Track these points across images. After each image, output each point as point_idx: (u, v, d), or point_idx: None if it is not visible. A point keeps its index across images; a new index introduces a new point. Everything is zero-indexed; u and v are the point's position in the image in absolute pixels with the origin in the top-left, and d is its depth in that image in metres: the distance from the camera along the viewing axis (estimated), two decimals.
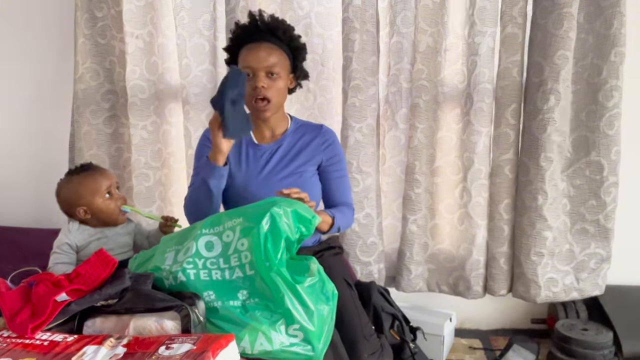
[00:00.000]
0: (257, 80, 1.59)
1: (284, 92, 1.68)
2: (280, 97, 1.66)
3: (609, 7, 2.05)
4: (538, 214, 2.16)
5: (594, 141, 2.14)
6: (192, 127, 2.35)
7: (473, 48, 2.17)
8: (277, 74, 1.61)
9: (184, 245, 1.31)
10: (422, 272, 2.37)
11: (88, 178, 1.59)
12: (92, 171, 1.61)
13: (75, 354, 1.05)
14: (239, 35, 1.68)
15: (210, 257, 1.28)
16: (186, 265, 1.27)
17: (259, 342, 1.19)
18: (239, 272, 1.26)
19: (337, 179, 1.78)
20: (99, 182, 1.58)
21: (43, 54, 2.55)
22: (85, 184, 1.58)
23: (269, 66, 1.60)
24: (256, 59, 1.59)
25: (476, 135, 2.21)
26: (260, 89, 1.60)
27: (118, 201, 1.61)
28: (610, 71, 2.07)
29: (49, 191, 1.62)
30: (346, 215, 1.73)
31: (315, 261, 1.35)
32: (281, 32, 1.64)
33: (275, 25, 1.64)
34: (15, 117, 2.62)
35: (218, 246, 1.28)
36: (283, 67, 1.64)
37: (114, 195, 1.60)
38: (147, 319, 1.17)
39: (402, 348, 1.76)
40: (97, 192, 1.58)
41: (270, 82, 1.61)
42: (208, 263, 1.28)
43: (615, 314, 2.19)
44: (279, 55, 1.63)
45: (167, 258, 1.31)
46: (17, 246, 2.16)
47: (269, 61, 1.60)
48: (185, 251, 1.29)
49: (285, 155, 1.73)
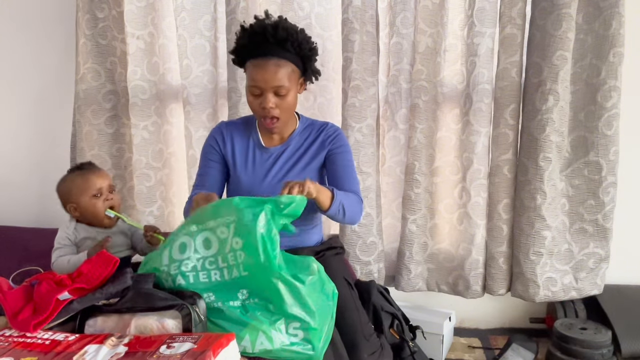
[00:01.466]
0: (266, 102, 1.56)
1: (294, 102, 1.63)
2: (290, 110, 1.63)
3: (607, 8, 2.06)
4: (537, 213, 2.16)
5: (593, 141, 2.15)
6: (192, 128, 2.36)
7: (472, 49, 2.18)
8: (286, 90, 1.57)
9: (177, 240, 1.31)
10: (421, 271, 2.38)
11: (80, 177, 1.60)
12: (86, 170, 1.62)
13: (77, 353, 1.06)
14: (245, 44, 1.60)
15: (209, 255, 1.29)
16: (184, 268, 1.28)
17: (260, 341, 1.20)
18: (237, 271, 1.27)
19: (344, 167, 1.70)
20: (89, 181, 1.59)
21: (44, 54, 2.55)
22: (76, 182, 1.60)
23: (277, 86, 1.55)
24: (263, 78, 1.54)
25: (475, 136, 2.22)
26: (269, 109, 1.57)
27: (106, 202, 1.59)
28: (608, 72, 2.08)
29: (51, 191, 1.62)
30: (350, 197, 1.62)
31: (315, 261, 1.35)
32: (289, 44, 1.56)
33: (284, 37, 1.55)
34: (17, 117, 2.63)
35: (215, 243, 1.28)
36: (292, 80, 1.58)
37: (102, 196, 1.59)
38: (148, 318, 1.18)
39: (401, 347, 1.77)
40: (86, 191, 1.59)
41: (279, 100, 1.57)
42: (207, 263, 1.28)
43: (613, 314, 2.20)
44: (287, 70, 1.56)
45: (164, 257, 1.31)
46: (19, 246, 2.16)
47: (276, 81, 1.54)
48: (181, 248, 1.29)
49: (291, 157, 1.72)
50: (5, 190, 2.65)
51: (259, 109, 1.59)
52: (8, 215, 2.60)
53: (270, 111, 1.57)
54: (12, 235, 2.32)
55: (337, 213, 1.56)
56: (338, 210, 1.55)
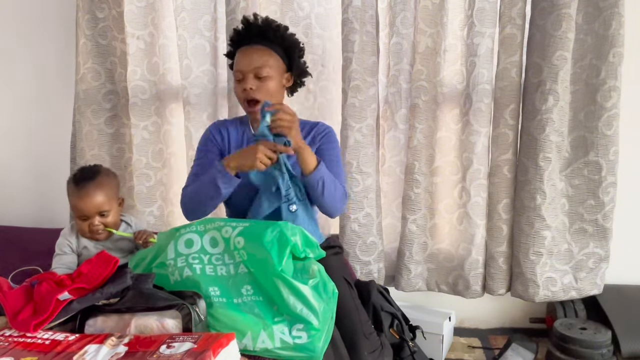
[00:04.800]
0: (246, 83, 1.64)
1: (277, 92, 1.70)
2: (271, 97, 1.66)
3: (607, 8, 2.06)
4: (537, 213, 2.17)
5: (593, 141, 2.15)
6: (192, 128, 2.36)
7: (472, 49, 2.18)
8: (267, 75, 1.64)
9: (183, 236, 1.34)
10: (421, 271, 2.38)
11: (72, 194, 1.57)
12: (79, 190, 1.55)
13: (77, 353, 1.06)
14: (234, 40, 1.74)
15: (215, 253, 1.32)
16: (191, 260, 1.30)
17: (261, 339, 1.21)
18: (244, 267, 1.29)
19: (330, 162, 1.70)
20: (75, 205, 1.56)
21: (44, 54, 2.56)
22: (70, 197, 1.58)
23: (256, 68, 1.63)
24: (244, 62, 1.65)
25: (475, 136, 2.22)
26: (249, 91, 1.64)
27: (91, 226, 1.56)
28: (608, 72, 2.08)
29: (51, 191, 1.63)
30: (335, 182, 1.64)
31: (315, 262, 1.36)
32: (271, 33, 1.67)
33: (265, 28, 1.68)
34: (17, 117, 2.63)
35: (221, 242, 1.32)
36: (274, 67, 1.66)
37: (89, 221, 1.56)
38: (148, 318, 1.19)
39: (401, 347, 1.77)
40: (74, 211, 1.59)
41: (259, 83, 1.64)
42: (213, 259, 1.31)
43: (613, 313, 2.20)
44: (268, 57, 1.66)
45: (169, 251, 1.33)
46: (19, 245, 2.17)
47: (256, 63, 1.63)
48: (187, 243, 1.32)
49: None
50: (5, 189, 2.66)
51: (241, 92, 1.66)
52: (7, 215, 2.60)
53: (249, 92, 1.64)
54: (12, 235, 2.32)
55: (317, 185, 1.58)
56: (317, 182, 1.57)
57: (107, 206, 1.57)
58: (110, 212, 1.59)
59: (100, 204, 1.56)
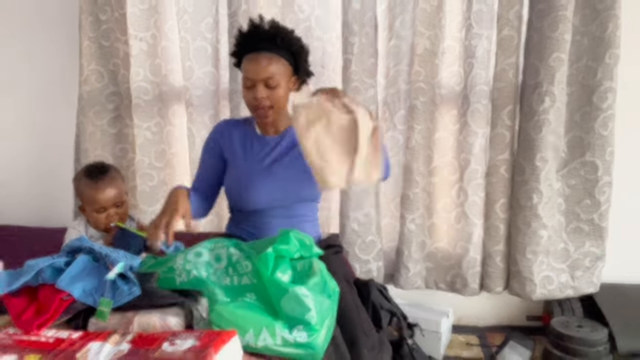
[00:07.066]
0: (257, 92, 1.64)
1: (285, 96, 1.71)
2: (281, 102, 1.69)
3: (604, 10, 2.08)
4: (533, 213, 2.19)
5: (589, 142, 2.17)
6: (195, 129, 2.38)
7: (470, 50, 2.21)
8: (277, 83, 1.65)
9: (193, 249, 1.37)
10: (419, 270, 2.41)
11: (88, 188, 1.66)
12: (96, 182, 1.65)
13: (80, 351, 1.06)
14: (240, 43, 1.72)
15: (220, 267, 1.35)
16: (199, 266, 1.33)
17: (263, 336, 1.21)
18: (247, 279, 1.32)
19: None
20: (93, 197, 1.65)
21: (48, 56, 2.58)
22: (85, 191, 1.66)
23: (266, 77, 1.63)
24: (254, 70, 1.64)
25: (473, 136, 2.24)
26: (260, 100, 1.65)
27: (108, 218, 1.67)
28: (604, 73, 2.10)
29: (54, 191, 1.66)
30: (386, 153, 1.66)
31: (317, 260, 1.38)
32: (279, 39, 1.66)
33: (274, 33, 1.66)
34: (22, 119, 2.65)
35: (224, 259, 1.36)
36: (282, 74, 1.66)
37: (106, 212, 1.66)
38: (151, 316, 1.20)
39: (400, 344, 1.79)
40: (91, 205, 1.66)
41: (270, 91, 1.65)
42: (218, 272, 1.34)
43: (609, 312, 2.22)
44: (277, 64, 1.65)
45: (178, 258, 1.35)
46: (21, 245, 2.18)
47: (266, 72, 1.63)
48: (196, 254, 1.35)
49: (287, 146, 1.76)
50: (8, 189, 2.68)
51: (252, 100, 1.67)
52: (10, 214, 2.62)
53: (261, 101, 1.65)
54: (16, 234, 2.34)
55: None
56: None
57: (123, 197, 1.71)
58: (124, 203, 1.71)
59: (118, 195, 1.68)
